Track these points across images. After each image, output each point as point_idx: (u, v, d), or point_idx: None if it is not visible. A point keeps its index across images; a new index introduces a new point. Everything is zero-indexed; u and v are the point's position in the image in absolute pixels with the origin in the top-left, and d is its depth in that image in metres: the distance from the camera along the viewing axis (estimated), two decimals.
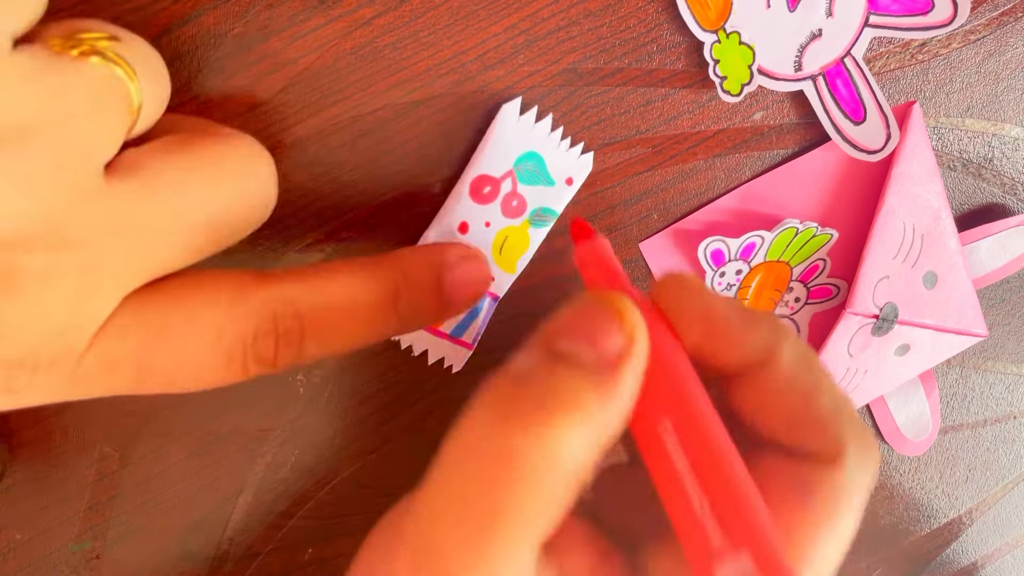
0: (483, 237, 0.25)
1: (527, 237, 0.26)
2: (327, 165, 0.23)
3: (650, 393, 0.16)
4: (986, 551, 0.38)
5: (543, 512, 0.15)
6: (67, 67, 0.15)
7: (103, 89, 0.16)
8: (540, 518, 0.15)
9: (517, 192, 0.25)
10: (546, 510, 0.15)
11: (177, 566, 0.28)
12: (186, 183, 0.17)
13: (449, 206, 0.24)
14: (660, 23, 0.24)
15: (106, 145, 0.16)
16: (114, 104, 0.16)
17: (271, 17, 0.21)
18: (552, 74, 0.24)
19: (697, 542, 0.15)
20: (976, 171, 0.30)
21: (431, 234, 0.24)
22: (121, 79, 0.16)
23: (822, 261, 0.29)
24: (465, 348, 0.26)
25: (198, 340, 0.18)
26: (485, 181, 0.24)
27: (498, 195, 0.25)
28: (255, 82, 0.22)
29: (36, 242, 0.15)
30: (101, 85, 0.16)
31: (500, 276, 0.26)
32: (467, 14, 0.23)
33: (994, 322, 0.33)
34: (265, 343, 0.18)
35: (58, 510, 0.26)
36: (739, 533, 0.15)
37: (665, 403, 0.16)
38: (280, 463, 0.27)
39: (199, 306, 0.18)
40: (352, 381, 0.27)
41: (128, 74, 0.16)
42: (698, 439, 0.16)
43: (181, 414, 0.25)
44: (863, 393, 0.31)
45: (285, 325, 0.18)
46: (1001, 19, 0.27)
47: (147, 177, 0.17)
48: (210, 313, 0.18)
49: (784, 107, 0.27)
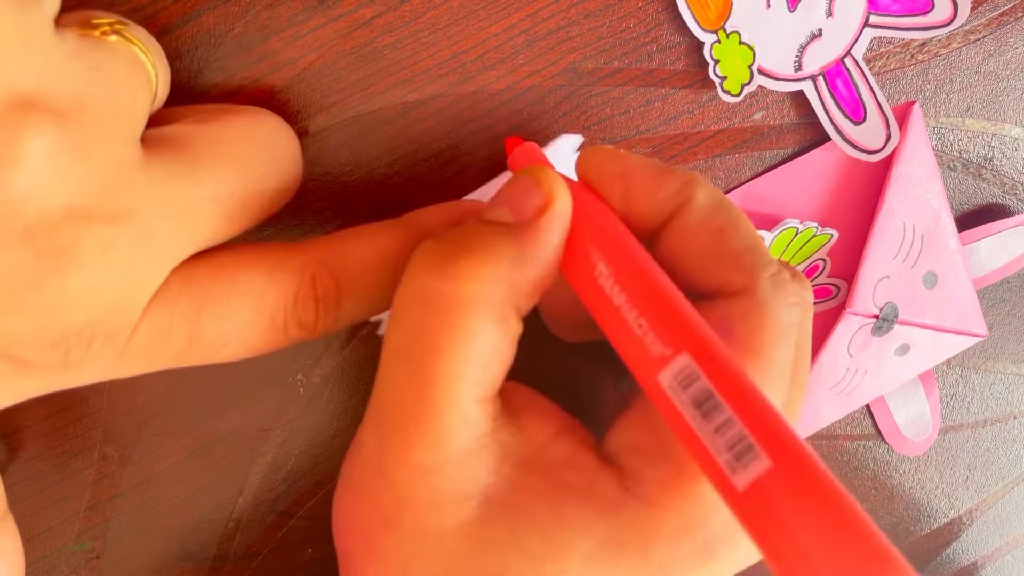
0: None
1: None
2: (327, 165, 0.23)
3: (583, 245, 0.18)
4: (986, 551, 0.38)
5: (471, 353, 0.16)
6: (101, 46, 0.16)
7: (133, 65, 0.16)
8: (470, 359, 0.16)
9: None
10: (474, 351, 0.16)
11: (177, 566, 0.28)
12: (223, 155, 0.18)
13: (472, 197, 0.24)
14: (660, 23, 0.24)
15: (141, 120, 0.17)
16: (142, 80, 0.17)
17: (271, 17, 0.21)
18: (552, 74, 0.24)
19: (639, 358, 0.16)
20: (976, 171, 0.30)
21: None
22: (140, 57, 0.17)
23: (822, 261, 0.29)
24: None
25: (242, 306, 0.18)
26: None
27: None
28: (255, 82, 0.22)
29: (94, 214, 0.15)
30: (131, 61, 0.16)
31: None
32: (467, 14, 0.23)
33: (994, 322, 0.33)
34: (306, 306, 0.19)
35: (58, 510, 0.26)
36: (677, 339, 0.16)
37: (598, 251, 0.18)
38: (280, 463, 0.27)
39: (241, 274, 0.18)
40: (352, 381, 0.27)
41: (145, 52, 0.17)
42: (630, 275, 0.17)
43: (181, 414, 0.25)
44: (863, 393, 0.31)
45: (323, 287, 0.19)
46: (1001, 19, 0.27)
47: (187, 151, 0.17)
48: (252, 281, 0.18)
49: (784, 107, 0.27)
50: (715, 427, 0.15)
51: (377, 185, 0.24)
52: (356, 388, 0.27)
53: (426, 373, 0.17)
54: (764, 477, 0.14)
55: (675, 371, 0.16)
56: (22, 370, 0.16)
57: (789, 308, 0.18)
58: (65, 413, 0.25)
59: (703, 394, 0.15)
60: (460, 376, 0.17)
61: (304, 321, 0.19)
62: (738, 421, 0.15)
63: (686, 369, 0.15)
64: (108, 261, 0.16)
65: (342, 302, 0.20)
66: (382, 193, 0.24)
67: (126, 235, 0.16)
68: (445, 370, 0.17)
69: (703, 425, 0.15)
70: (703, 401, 0.15)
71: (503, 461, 0.17)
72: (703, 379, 0.15)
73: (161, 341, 0.18)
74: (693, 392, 0.15)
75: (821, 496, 0.14)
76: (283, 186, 0.20)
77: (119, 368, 0.18)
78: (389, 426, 0.18)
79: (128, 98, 0.16)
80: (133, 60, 0.17)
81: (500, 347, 0.17)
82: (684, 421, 0.15)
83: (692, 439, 0.15)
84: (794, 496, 0.14)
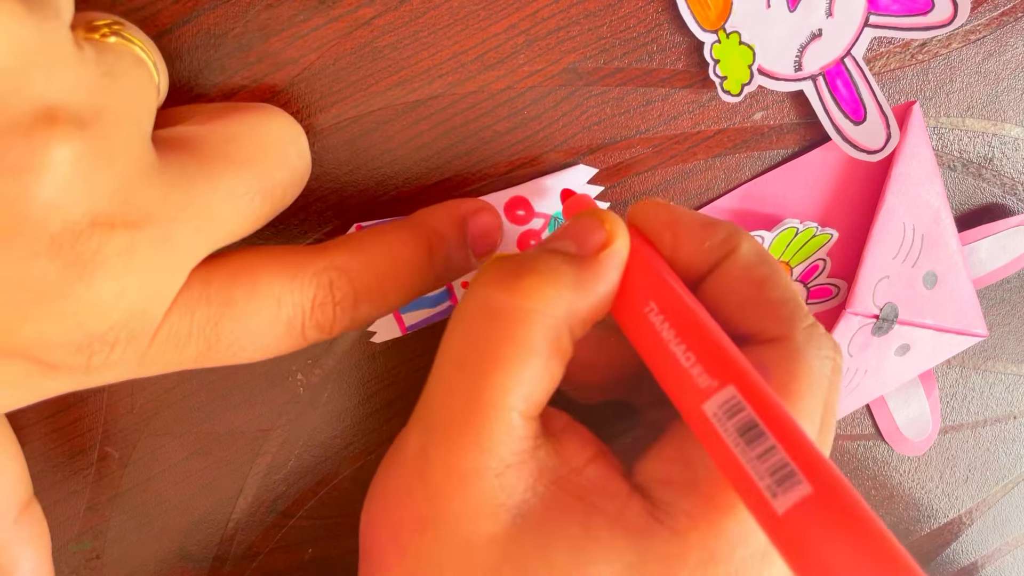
0: None
1: None
2: (327, 165, 0.23)
3: (636, 283, 0.19)
4: (986, 551, 0.38)
5: (526, 366, 0.17)
6: (109, 49, 0.16)
7: (138, 66, 0.17)
8: (524, 372, 0.17)
9: (540, 235, 0.25)
10: (528, 364, 0.17)
11: (177, 566, 0.28)
12: (235, 154, 0.18)
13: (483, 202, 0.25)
14: (660, 23, 0.24)
15: (151, 120, 0.17)
16: (147, 80, 0.17)
17: (271, 17, 0.21)
18: (552, 74, 0.24)
19: (685, 388, 0.17)
20: (976, 171, 0.30)
21: None
22: (142, 57, 0.17)
23: (822, 261, 0.29)
24: (399, 328, 0.26)
25: (260, 311, 0.19)
26: (524, 206, 0.25)
27: (525, 224, 0.25)
28: (255, 82, 0.22)
29: (117, 220, 0.16)
30: (135, 62, 0.16)
31: None
32: (467, 14, 0.23)
33: (994, 322, 0.33)
34: (323, 310, 0.19)
35: (58, 510, 0.26)
36: (723, 373, 0.17)
37: (650, 289, 0.19)
38: (280, 463, 0.27)
39: (260, 278, 0.19)
40: (352, 381, 0.27)
41: (146, 52, 0.17)
42: (680, 312, 0.18)
43: (181, 414, 0.25)
44: (863, 393, 0.31)
45: (341, 291, 0.19)
46: (1001, 19, 0.27)
47: (198, 151, 0.17)
48: (270, 285, 0.19)
49: (784, 107, 0.27)
50: (758, 454, 0.16)
51: (377, 185, 0.24)
52: (356, 388, 0.27)
53: (480, 380, 0.17)
54: (804, 502, 0.15)
55: (720, 401, 0.17)
56: (47, 372, 0.16)
57: (822, 360, 0.19)
58: (65, 413, 0.25)
59: (747, 423, 0.16)
60: (512, 388, 0.17)
61: (322, 324, 0.19)
62: (780, 449, 0.16)
63: (731, 400, 0.17)
64: (131, 266, 0.16)
65: (359, 305, 0.20)
66: (382, 193, 0.24)
67: (147, 239, 0.16)
68: (499, 379, 0.17)
69: (746, 451, 0.16)
70: (747, 429, 0.16)
71: (539, 479, 0.18)
72: (748, 409, 0.16)
73: (181, 345, 0.18)
74: (737, 421, 0.16)
75: (857, 522, 0.15)
76: (294, 180, 0.20)
77: (139, 370, 0.18)
78: (436, 428, 0.18)
79: (139, 100, 0.16)
80: (137, 61, 0.17)
81: (552, 366, 0.18)
82: (726, 447, 0.16)
83: (733, 465, 0.16)
84: (832, 520, 0.15)
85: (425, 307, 0.25)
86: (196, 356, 0.18)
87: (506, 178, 0.25)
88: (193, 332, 0.18)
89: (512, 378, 0.17)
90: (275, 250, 0.20)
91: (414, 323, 0.26)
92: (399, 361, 0.27)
